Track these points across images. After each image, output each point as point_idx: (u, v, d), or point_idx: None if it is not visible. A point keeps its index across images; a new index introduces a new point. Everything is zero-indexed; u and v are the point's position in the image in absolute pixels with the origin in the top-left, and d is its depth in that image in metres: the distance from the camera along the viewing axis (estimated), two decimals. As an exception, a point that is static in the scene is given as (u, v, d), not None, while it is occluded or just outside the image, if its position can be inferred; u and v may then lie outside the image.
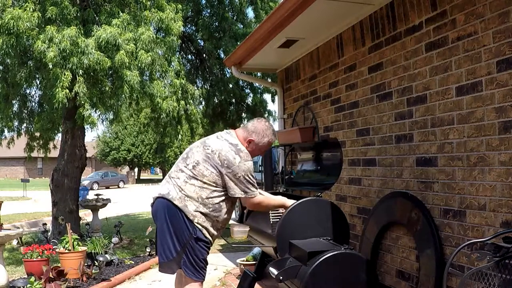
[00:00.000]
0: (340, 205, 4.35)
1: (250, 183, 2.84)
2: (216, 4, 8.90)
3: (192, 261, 2.85)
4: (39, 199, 18.78)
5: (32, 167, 46.26)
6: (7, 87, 6.70)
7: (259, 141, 2.94)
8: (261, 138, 2.94)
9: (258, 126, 2.95)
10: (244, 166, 2.83)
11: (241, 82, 9.06)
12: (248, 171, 2.84)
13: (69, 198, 7.37)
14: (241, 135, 2.97)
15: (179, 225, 2.82)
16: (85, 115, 5.86)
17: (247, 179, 2.84)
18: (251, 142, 2.93)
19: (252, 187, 2.87)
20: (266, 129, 2.96)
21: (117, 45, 5.70)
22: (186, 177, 2.86)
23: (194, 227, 2.82)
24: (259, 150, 2.99)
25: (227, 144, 2.87)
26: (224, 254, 6.76)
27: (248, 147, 2.93)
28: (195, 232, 2.82)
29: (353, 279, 2.97)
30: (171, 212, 2.85)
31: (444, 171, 3.17)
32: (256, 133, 2.93)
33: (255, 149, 2.96)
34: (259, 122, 2.98)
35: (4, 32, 5.42)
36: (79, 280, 4.85)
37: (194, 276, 2.88)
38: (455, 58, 3.07)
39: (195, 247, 2.84)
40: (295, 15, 4.18)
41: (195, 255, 2.84)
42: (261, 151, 3.02)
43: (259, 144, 2.95)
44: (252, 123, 2.98)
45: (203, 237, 2.86)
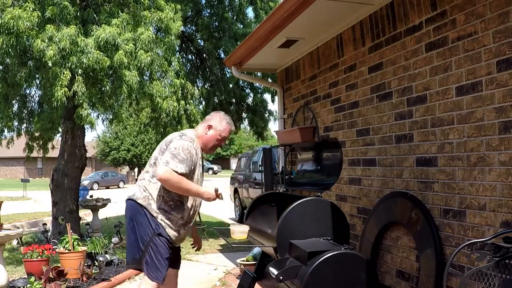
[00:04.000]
0: (340, 205, 4.35)
1: (175, 156, 2.80)
2: (216, 4, 8.89)
3: (154, 258, 2.85)
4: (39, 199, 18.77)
5: (32, 167, 46.23)
6: (7, 87, 6.70)
7: (217, 124, 3.05)
8: (219, 121, 3.06)
9: (215, 114, 3.13)
10: (180, 142, 2.89)
11: (241, 82, 9.06)
12: (181, 147, 2.85)
13: (69, 198, 7.36)
14: (200, 127, 3.12)
15: (142, 223, 2.88)
16: (84, 114, 5.85)
17: (174, 152, 2.82)
18: (210, 127, 3.05)
19: (173, 161, 2.77)
20: (223, 116, 3.11)
21: (116, 45, 5.70)
22: (150, 177, 2.96)
23: (158, 223, 2.87)
24: (220, 135, 3.06)
25: (176, 133, 3.06)
26: (224, 254, 6.76)
27: (208, 134, 3.05)
28: (158, 228, 2.87)
29: (353, 279, 2.98)
30: (136, 211, 2.93)
31: (444, 171, 3.17)
32: (214, 119, 3.07)
33: (215, 133, 3.05)
34: (216, 112, 3.18)
35: (4, 31, 5.42)
36: (79, 280, 4.84)
37: (153, 275, 2.85)
38: (455, 58, 3.07)
39: (158, 244, 2.86)
40: (295, 15, 4.18)
41: (158, 252, 2.86)
42: (222, 136, 3.07)
43: (217, 127, 3.05)
44: (209, 114, 3.16)
45: (165, 234, 2.89)
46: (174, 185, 2.79)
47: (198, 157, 3.01)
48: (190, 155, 2.88)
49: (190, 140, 2.95)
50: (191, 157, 2.88)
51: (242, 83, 9.13)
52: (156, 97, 6.67)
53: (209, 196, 2.89)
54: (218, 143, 3.09)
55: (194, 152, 2.93)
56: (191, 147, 2.90)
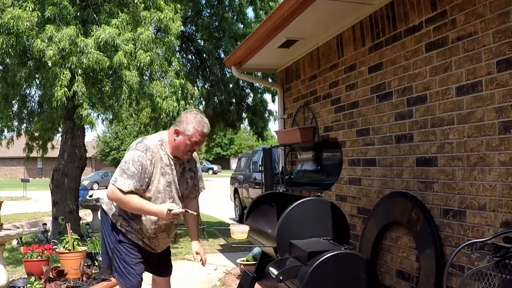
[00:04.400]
0: (340, 205, 4.35)
1: (124, 172, 2.57)
2: (216, 4, 8.89)
3: (121, 266, 2.74)
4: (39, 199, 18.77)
5: (32, 167, 46.24)
6: (7, 87, 6.70)
7: (184, 128, 2.65)
8: (186, 125, 2.66)
9: (184, 116, 2.73)
10: (131, 153, 2.63)
11: (241, 82, 9.05)
12: (131, 160, 2.58)
13: (69, 198, 7.36)
14: (170, 131, 2.76)
15: (106, 230, 2.80)
16: (84, 114, 5.85)
17: (124, 167, 2.59)
18: (178, 132, 2.67)
19: (121, 178, 2.55)
20: (192, 118, 2.69)
21: (115, 46, 5.70)
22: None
23: (118, 230, 2.75)
24: (189, 140, 2.66)
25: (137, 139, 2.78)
26: (224, 254, 6.75)
27: (177, 140, 2.68)
28: (118, 235, 2.74)
29: (353, 279, 2.98)
30: (102, 217, 2.86)
31: (444, 171, 3.17)
32: (181, 123, 2.68)
33: (183, 139, 2.67)
34: (186, 112, 2.77)
35: (4, 32, 5.42)
36: (79, 280, 4.84)
37: (123, 282, 2.75)
38: (455, 58, 3.07)
39: (121, 251, 2.74)
40: (295, 15, 4.18)
41: (123, 260, 2.74)
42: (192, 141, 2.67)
43: (184, 132, 2.65)
44: (180, 116, 2.77)
45: (127, 239, 2.75)
46: (124, 206, 2.62)
47: (161, 164, 2.69)
48: (142, 167, 2.58)
49: (144, 149, 2.63)
50: (143, 169, 2.58)
51: (242, 83, 9.12)
52: (156, 97, 6.67)
53: (162, 216, 2.59)
54: (190, 149, 2.71)
55: (148, 163, 2.61)
56: (143, 158, 2.59)
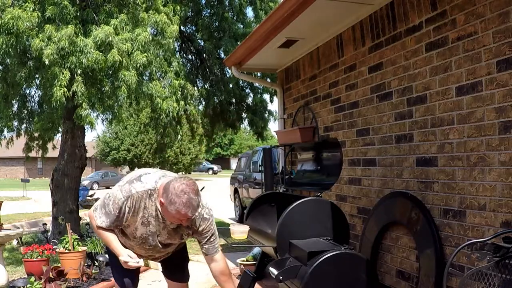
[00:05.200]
0: (340, 205, 4.35)
1: (104, 205, 2.48)
2: (216, 4, 8.90)
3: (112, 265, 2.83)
4: (39, 199, 18.76)
5: (32, 167, 46.23)
6: (7, 87, 6.70)
7: (167, 205, 2.29)
8: (168, 204, 2.27)
9: (172, 189, 2.27)
10: (117, 191, 2.48)
11: (241, 82, 9.06)
12: (114, 198, 2.44)
13: (69, 198, 7.36)
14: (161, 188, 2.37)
15: None
16: (83, 114, 5.85)
17: (106, 201, 2.49)
18: (162, 204, 2.33)
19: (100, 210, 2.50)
20: (177, 196, 2.25)
21: (110, 44, 5.69)
22: None
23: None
24: (172, 217, 2.35)
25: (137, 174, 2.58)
26: (224, 254, 6.75)
27: (163, 209, 2.36)
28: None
29: (353, 279, 2.98)
30: None
31: (444, 171, 3.17)
32: (166, 196, 2.29)
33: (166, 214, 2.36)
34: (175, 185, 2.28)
35: (4, 31, 5.42)
36: (79, 280, 4.84)
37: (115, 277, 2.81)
38: (455, 58, 3.07)
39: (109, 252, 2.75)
40: (295, 15, 4.18)
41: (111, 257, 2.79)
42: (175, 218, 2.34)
43: (167, 208, 2.29)
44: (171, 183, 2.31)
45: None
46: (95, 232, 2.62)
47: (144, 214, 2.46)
48: (120, 211, 2.43)
49: (126, 196, 2.42)
50: (120, 213, 2.43)
51: (242, 83, 9.13)
52: (155, 97, 6.67)
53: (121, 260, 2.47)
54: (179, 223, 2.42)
55: (127, 209, 2.42)
56: (122, 203, 2.41)
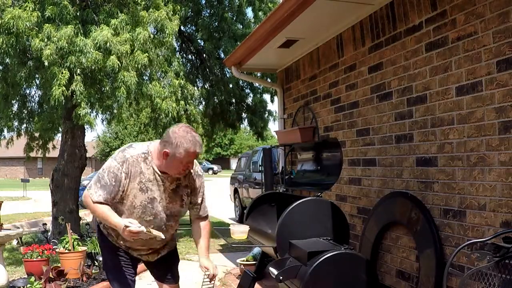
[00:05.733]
0: (340, 205, 4.35)
1: (99, 180, 2.44)
2: (215, 4, 8.90)
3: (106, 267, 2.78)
4: (39, 199, 18.76)
5: (32, 167, 46.23)
6: (7, 87, 6.70)
7: (174, 151, 2.36)
8: (175, 147, 2.36)
9: (172, 135, 2.39)
10: (109, 162, 2.48)
11: (241, 82, 9.05)
12: (108, 169, 2.44)
13: (69, 198, 7.36)
14: (157, 148, 2.47)
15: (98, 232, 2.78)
16: (82, 114, 5.85)
17: (100, 175, 2.46)
18: (167, 155, 2.39)
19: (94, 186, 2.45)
20: (181, 137, 2.38)
21: (108, 49, 5.69)
22: None
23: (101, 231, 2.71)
24: (182, 162, 2.40)
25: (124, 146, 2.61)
26: (224, 254, 6.75)
27: (166, 162, 2.42)
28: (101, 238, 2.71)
29: (353, 279, 2.98)
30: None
31: (444, 171, 3.17)
32: (169, 143, 2.38)
33: (175, 161, 2.40)
34: (174, 130, 2.41)
35: (4, 31, 5.42)
36: (79, 280, 4.84)
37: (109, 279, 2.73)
38: (455, 58, 3.07)
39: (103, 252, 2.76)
40: (295, 15, 4.18)
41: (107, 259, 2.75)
42: (183, 163, 2.41)
43: (175, 154, 2.36)
44: (168, 132, 2.43)
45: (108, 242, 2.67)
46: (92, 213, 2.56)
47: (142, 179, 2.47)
48: (116, 180, 2.41)
49: (121, 161, 2.44)
50: (117, 182, 2.41)
51: (242, 83, 9.13)
52: (155, 97, 6.67)
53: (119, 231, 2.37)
54: (184, 169, 2.45)
55: (123, 176, 2.42)
56: (118, 170, 2.41)
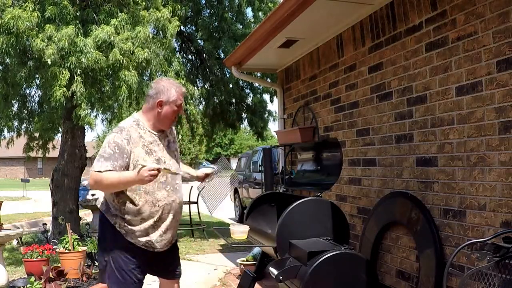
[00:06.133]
0: (340, 205, 4.35)
1: (101, 156, 2.46)
2: (215, 4, 8.90)
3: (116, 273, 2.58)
4: (39, 199, 18.76)
5: (32, 167, 46.24)
6: (7, 87, 6.69)
7: (167, 96, 2.59)
8: (167, 93, 2.60)
9: (158, 85, 2.63)
10: (106, 138, 2.54)
11: (241, 82, 9.05)
12: (107, 143, 2.49)
13: (69, 198, 7.36)
14: (146, 108, 2.66)
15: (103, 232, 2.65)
16: (82, 114, 5.86)
17: (101, 152, 2.49)
18: (161, 103, 2.59)
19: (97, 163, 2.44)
20: (167, 84, 2.63)
21: (112, 44, 5.69)
22: None
23: (117, 232, 2.59)
24: (176, 105, 2.62)
25: None
26: (224, 254, 6.75)
27: (163, 111, 2.60)
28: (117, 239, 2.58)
29: (353, 279, 2.98)
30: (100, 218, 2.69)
31: (444, 171, 3.17)
32: (160, 93, 2.60)
33: (170, 107, 2.61)
34: (157, 82, 2.67)
35: (4, 31, 5.42)
36: (79, 280, 4.84)
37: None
38: (455, 58, 3.07)
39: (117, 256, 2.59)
40: (295, 15, 4.18)
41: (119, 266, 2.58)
42: (178, 104, 2.63)
43: (169, 99, 2.59)
44: (152, 88, 2.65)
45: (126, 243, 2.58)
46: (103, 187, 2.48)
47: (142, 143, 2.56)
48: (119, 147, 2.47)
49: (118, 130, 2.55)
50: (120, 149, 2.47)
51: (242, 83, 9.13)
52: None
53: (143, 179, 2.36)
54: (177, 111, 2.65)
55: (126, 142, 2.49)
56: (118, 138, 2.50)
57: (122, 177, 2.43)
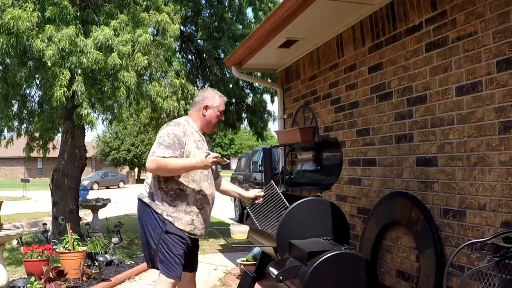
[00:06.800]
0: (340, 205, 4.35)
1: (160, 144, 2.81)
2: (215, 4, 8.90)
3: (167, 256, 2.84)
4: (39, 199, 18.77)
5: (32, 167, 46.24)
6: (7, 87, 6.69)
7: (212, 102, 3.05)
8: (212, 99, 3.06)
9: (204, 93, 3.11)
10: (164, 129, 2.91)
11: (241, 82, 9.06)
12: (166, 133, 2.85)
13: (69, 198, 7.36)
14: (193, 111, 3.09)
15: (151, 221, 2.89)
16: (83, 114, 5.86)
17: (159, 140, 2.83)
18: (207, 107, 3.04)
19: (158, 149, 2.78)
20: (212, 92, 3.12)
21: (110, 47, 5.70)
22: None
23: (164, 220, 2.86)
24: (218, 111, 3.08)
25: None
26: (224, 254, 6.76)
27: (207, 114, 3.04)
28: (165, 226, 2.85)
29: (353, 279, 2.98)
30: (143, 211, 2.94)
31: (444, 171, 3.17)
32: (206, 98, 3.06)
33: (214, 111, 3.06)
34: (202, 91, 3.16)
35: (4, 32, 5.42)
36: (79, 280, 4.84)
37: (167, 272, 2.85)
38: (455, 58, 3.07)
39: (167, 242, 2.85)
40: (295, 15, 4.18)
41: (169, 249, 2.85)
42: (220, 110, 3.08)
43: (213, 104, 3.05)
44: (197, 97, 3.12)
45: (175, 230, 2.86)
46: (164, 169, 2.78)
47: (194, 139, 2.95)
48: (177, 138, 2.84)
49: (175, 124, 2.94)
50: (178, 140, 2.84)
51: (242, 83, 9.13)
52: (156, 97, 6.68)
53: (204, 163, 2.77)
54: (219, 118, 3.11)
55: (182, 134, 2.88)
56: (176, 130, 2.87)
57: (185, 162, 2.82)
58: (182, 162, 2.81)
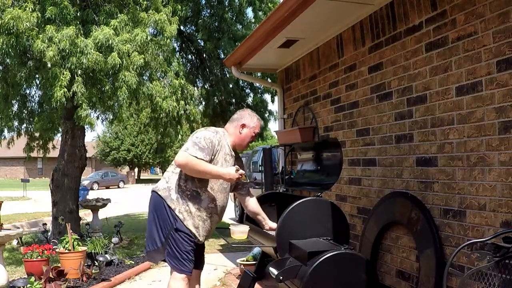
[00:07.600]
0: (340, 205, 4.34)
1: (196, 144, 2.89)
2: (215, 5, 8.90)
3: (175, 252, 2.92)
4: (39, 199, 18.77)
5: (32, 167, 46.25)
6: (7, 87, 6.70)
7: (250, 122, 3.17)
8: (250, 119, 3.18)
9: (243, 112, 3.24)
10: (202, 132, 3.00)
11: (241, 82, 9.05)
12: (203, 136, 2.94)
13: (69, 198, 7.36)
14: (230, 126, 3.20)
15: (163, 215, 2.94)
16: (83, 115, 5.86)
17: (195, 141, 2.91)
18: (244, 126, 3.16)
19: (192, 148, 2.86)
20: (251, 113, 3.25)
21: (110, 46, 5.70)
22: (173, 168, 3.03)
23: (175, 216, 2.92)
24: (254, 132, 3.20)
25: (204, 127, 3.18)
26: (224, 254, 6.76)
27: (243, 132, 3.16)
28: (176, 223, 2.92)
29: (353, 279, 2.97)
30: (157, 203, 3.00)
31: (444, 171, 3.17)
32: (245, 118, 3.19)
33: (249, 131, 3.17)
34: (241, 111, 3.27)
35: (4, 32, 5.42)
36: (79, 280, 4.84)
37: (177, 268, 2.93)
38: (455, 58, 3.07)
39: (176, 238, 2.91)
40: (295, 15, 4.18)
41: (177, 246, 2.91)
42: (256, 132, 3.21)
43: (250, 125, 3.17)
44: (237, 114, 3.24)
45: (184, 228, 2.92)
46: (192, 168, 2.84)
47: (224, 151, 3.04)
48: (212, 145, 2.93)
49: (214, 131, 3.03)
50: (212, 147, 2.93)
51: (242, 83, 9.13)
52: (155, 97, 6.68)
53: (230, 176, 2.89)
54: (252, 139, 3.22)
55: (217, 142, 2.97)
56: (213, 137, 2.97)
57: (213, 168, 2.91)
58: (211, 167, 2.89)
